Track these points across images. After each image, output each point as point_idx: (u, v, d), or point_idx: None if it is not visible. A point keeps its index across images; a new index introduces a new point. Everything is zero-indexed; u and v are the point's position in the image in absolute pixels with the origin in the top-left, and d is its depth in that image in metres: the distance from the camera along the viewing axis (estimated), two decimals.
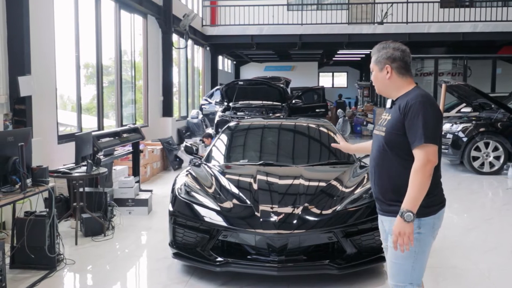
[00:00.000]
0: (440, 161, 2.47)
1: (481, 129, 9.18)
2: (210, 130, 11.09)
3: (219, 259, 3.74)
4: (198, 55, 16.54)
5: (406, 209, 2.31)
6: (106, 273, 4.23)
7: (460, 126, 9.35)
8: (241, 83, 11.01)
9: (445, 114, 10.85)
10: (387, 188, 2.49)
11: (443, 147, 9.45)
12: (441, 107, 10.50)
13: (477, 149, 9.12)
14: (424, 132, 2.31)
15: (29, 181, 3.99)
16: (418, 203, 2.32)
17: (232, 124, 5.80)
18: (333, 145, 3.36)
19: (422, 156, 2.32)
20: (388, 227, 2.52)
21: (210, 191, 4.19)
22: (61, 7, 7.06)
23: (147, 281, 4.20)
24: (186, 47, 13.59)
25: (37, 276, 4.01)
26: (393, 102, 2.53)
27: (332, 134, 5.48)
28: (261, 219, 3.74)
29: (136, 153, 7.21)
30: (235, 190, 4.18)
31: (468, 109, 11.14)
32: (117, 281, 4.10)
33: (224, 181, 4.35)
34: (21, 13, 5.63)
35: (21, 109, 5.71)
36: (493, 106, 9.97)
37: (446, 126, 9.62)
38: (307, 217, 3.80)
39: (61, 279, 4.07)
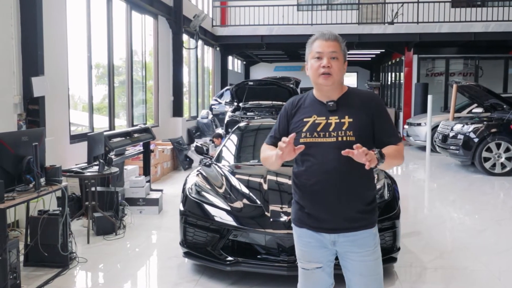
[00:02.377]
0: None
1: (493, 130, 9.11)
2: (220, 130, 11.12)
3: (229, 258, 3.77)
4: (208, 55, 16.60)
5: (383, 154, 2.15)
6: (117, 271, 4.28)
7: (472, 127, 9.28)
8: (251, 83, 11.01)
9: (456, 115, 10.78)
10: (361, 200, 2.26)
11: (454, 147, 9.48)
12: (452, 108, 10.52)
13: (489, 150, 9.05)
14: (395, 130, 2.35)
15: (42, 180, 4.05)
16: (388, 162, 2.17)
17: (242, 124, 5.83)
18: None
19: (402, 150, 2.31)
20: (360, 243, 2.27)
21: (221, 191, 4.23)
22: (74, 8, 7.14)
23: (158, 279, 4.24)
24: (196, 47, 13.65)
25: (50, 274, 4.07)
26: (335, 102, 2.27)
27: None
28: (271, 219, 3.76)
29: (147, 153, 7.27)
30: (245, 190, 4.21)
31: (480, 110, 11.05)
32: (128, 279, 4.15)
33: (234, 181, 4.39)
34: (35, 14, 5.71)
35: (34, 109, 5.79)
36: (505, 106, 9.89)
37: (457, 127, 9.57)
38: None
39: (74, 277, 4.13)
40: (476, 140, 9.08)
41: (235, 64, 22.55)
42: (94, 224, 5.23)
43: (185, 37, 12.49)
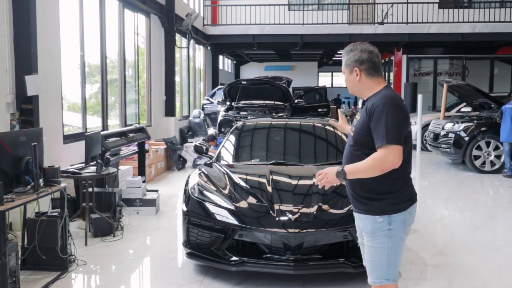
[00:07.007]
0: (410, 159, 2.57)
1: (483, 129, 9.25)
2: (212, 131, 11.07)
3: (235, 258, 3.75)
4: (199, 54, 16.52)
5: (344, 170, 2.46)
6: (119, 273, 4.22)
7: (462, 126, 9.41)
8: (244, 82, 11.00)
9: (446, 114, 10.91)
10: (358, 185, 2.56)
11: (445, 146, 9.59)
12: (442, 107, 10.63)
13: (479, 148, 9.19)
14: (386, 133, 2.38)
15: (41, 181, 3.96)
16: (355, 176, 2.48)
17: (241, 124, 5.79)
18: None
19: (383, 154, 2.40)
20: (362, 225, 2.61)
21: (225, 191, 4.19)
22: (66, 5, 7.02)
23: (161, 281, 4.13)
24: (188, 46, 13.55)
25: (50, 277, 3.98)
26: (363, 103, 2.63)
27: (339, 133, 5.49)
28: (276, 218, 3.75)
29: (142, 153, 7.19)
30: (249, 189, 4.18)
31: (468, 109, 11.21)
32: (131, 281, 4.10)
33: (238, 180, 4.35)
34: (28, 11, 5.58)
35: (28, 109, 5.66)
36: (493, 105, 10.04)
37: (448, 126, 9.68)
38: (322, 216, 3.81)
39: (74, 280, 4.06)
40: (466, 138, 9.20)
41: (225, 63, 22.51)
42: (91, 225, 5.14)
43: (176, 36, 12.40)
